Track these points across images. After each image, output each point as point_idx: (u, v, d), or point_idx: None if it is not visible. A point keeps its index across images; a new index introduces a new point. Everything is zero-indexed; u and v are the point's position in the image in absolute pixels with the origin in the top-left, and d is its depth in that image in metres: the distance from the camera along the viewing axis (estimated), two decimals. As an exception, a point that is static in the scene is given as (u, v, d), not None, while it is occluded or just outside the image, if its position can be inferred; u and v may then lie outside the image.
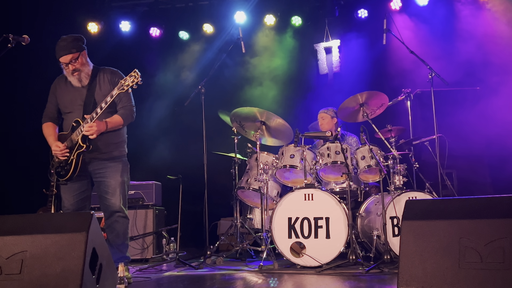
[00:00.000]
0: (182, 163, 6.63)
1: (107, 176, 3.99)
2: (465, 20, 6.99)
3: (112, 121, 3.97)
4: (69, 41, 3.94)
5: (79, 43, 3.99)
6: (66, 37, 3.97)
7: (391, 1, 7.17)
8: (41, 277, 2.65)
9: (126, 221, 4.05)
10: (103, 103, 3.83)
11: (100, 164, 4.01)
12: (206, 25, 7.65)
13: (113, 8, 7.73)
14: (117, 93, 3.79)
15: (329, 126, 5.83)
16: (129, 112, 4.08)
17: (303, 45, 7.57)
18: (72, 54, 3.91)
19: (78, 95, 4.03)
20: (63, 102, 4.09)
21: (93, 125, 3.82)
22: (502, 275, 2.38)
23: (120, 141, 4.13)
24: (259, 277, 4.15)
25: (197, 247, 6.32)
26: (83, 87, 4.03)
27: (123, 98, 4.03)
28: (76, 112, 4.00)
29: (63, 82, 4.11)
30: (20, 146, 6.73)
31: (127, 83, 3.77)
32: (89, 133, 3.82)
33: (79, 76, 3.98)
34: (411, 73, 6.55)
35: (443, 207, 2.70)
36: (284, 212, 4.68)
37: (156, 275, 4.42)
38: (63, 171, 3.95)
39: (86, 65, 4.03)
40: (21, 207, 6.18)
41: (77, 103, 4.01)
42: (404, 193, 4.68)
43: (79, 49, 3.96)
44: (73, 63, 3.93)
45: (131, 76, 3.79)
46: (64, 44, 3.92)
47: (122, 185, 4.02)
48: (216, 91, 6.39)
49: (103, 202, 4.02)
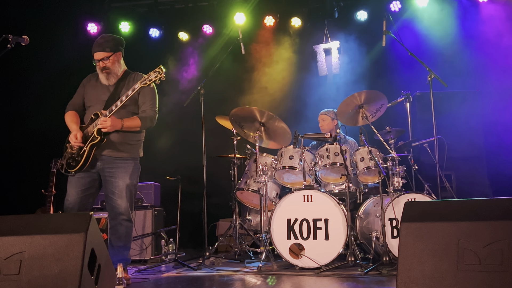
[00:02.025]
0: (181, 164, 6.63)
1: (116, 177, 3.97)
2: (465, 21, 7.00)
3: (129, 122, 3.97)
4: (107, 39, 4.03)
5: (116, 44, 4.07)
6: (106, 35, 4.09)
7: (391, 3, 7.17)
8: (39, 278, 2.65)
9: (130, 224, 4.02)
10: (124, 96, 3.84)
11: (111, 162, 3.98)
12: (205, 26, 7.66)
13: (112, 9, 7.73)
14: (139, 87, 3.81)
15: (329, 128, 5.83)
16: (150, 117, 4.06)
17: (303, 47, 7.57)
18: (105, 52, 3.98)
19: (104, 92, 4.07)
20: (89, 96, 4.12)
21: (108, 119, 3.83)
22: (500, 277, 2.38)
23: (135, 143, 4.11)
24: (258, 278, 4.15)
25: (195, 248, 6.32)
26: (110, 85, 4.07)
27: (147, 101, 4.04)
28: (97, 106, 4.03)
29: (94, 78, 4.17)
30: (20, 146, 6.72)
31: (151, 78, 3.79)
32: (102, 126, 3.83)
33: (108, 74, 4.03)
34: (411, 75, 6.56)
35: (442, 209, 2.69)
36: (283, 214, 4.68)
37: (155, 276, 4.42)
38: (73, 162, 3.94)
39: (117, 66, 4.07)
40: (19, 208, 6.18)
41: (101, 98, 4.04)
42: (403, 195, 4.68)
43: (114, 50, 4.02)
44: (104, 60, 3.98)
45: (155, 71, 3.82)
46: (101, 42, 4.01)
47: (130, 188, 3.98)
48: (215, 92, 6.39)
49: (109, 202, 3.99)
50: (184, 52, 7.68)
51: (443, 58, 6.76)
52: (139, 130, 4.08)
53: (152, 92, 4.07)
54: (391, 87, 6.48)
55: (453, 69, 6.56)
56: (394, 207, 4.59)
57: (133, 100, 3.96)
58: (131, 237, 4.09)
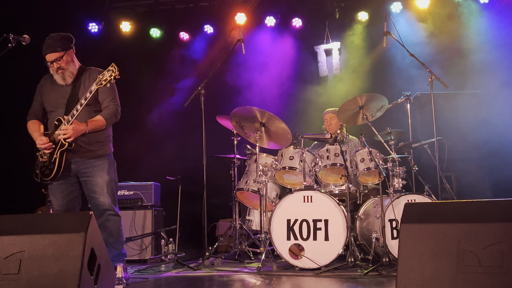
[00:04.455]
0: (181, 164, 6.63)
1: (94, 175, 3.96)
2: (466, 22, 7.00)
3: (93, 123, 3.92)
4: (56, 39, 3.92)
5: (66, 42, 3.96)
6: (54, 35, 3.95)
7: (392, 4, 7.17)
8: (39, 278, 2.65)
9: (118, 218, 4.01)
10: (83, 99, 3.79)
11: (86, 163, 3.98)
12: (206, 26, 7.67)
13: (113, 9, 7.73)
14: (95, 88, 3.74)
15: (337, 126, 5.83)
16: (113, 113, 4.02)
17: (304, 47, 7.57)
18: (57, 52, 3.89)
19: (62, 93, 4.00)
20: (48, 101, 4.07)
21: (69, 127, 3.78)
22: (500, 279, 2.38)
23: (105, 139, 4.09)
24: (257, 279, 4.15)
25: (195, 248, 6.31)
26: (67, 85, 4.00)
27: (107, 97, 4.00)
28: (59, 110, 3.97)
29: (49, 81, 4.10)
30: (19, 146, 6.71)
31: (105, 78, 3.72)
32: (66, 136, 3.79)
33: (63, 74, 3.96)
34: (411, 76, 6.56)
35: (442, 210, 2.70)
36: (283, 214, 4.67)
37: (155, 276, 4.42)
38: (47, 171, 3.91)
39: (72, 64, 4.00)
40: (19, 207, 6.18)
41: (60, 102, 3.99)
42: (403, 196, 4.68)
43: (65, 48, 3.94)
44: (58, 61, 3.91)
45: (108, 70, 3.74)
46: (50, 42, 3.90)
47: (110, 183, 3.99)
48: (215, 93, 6.38)
49: (91, 201, 3.99)
50: (184, 52, 7.68)
51: (443, 59, 6.76)
52: (105, 127, 4.04)
53: (110, 88, 3.95)
54: (391, 88, 6.48)
55: (453, 70, 6.55)
56: (394, 208, 4.59)
57: (93, 99, 3.89)
58: (122, 231, 4.07)
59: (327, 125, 5.93)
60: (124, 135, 4.24)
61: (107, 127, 4.08)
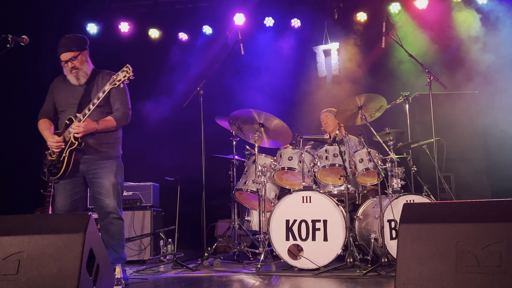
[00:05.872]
0: (180, 165, 6.62)
1: (101, 177, 3.97)
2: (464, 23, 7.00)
3: (104, 122, 3.95)
4: (71, 39, 3.97)
5: (81, 43, 4.02)
6: (69, 35, 4.01)
7: (390, 5, 7.18)
8: (38, 278, 2.65)
9: (121, 222, 4.02)
10: (95, 99, 3.82)
11: (94, 164, 3.99)
12: (205, 27, 7.67)
13: (112, 9, 7.73)
14: (109, 88, 3.78)
15: (333, 125, 5.84)
16: (124, 115, 4.05)
17: (302, 48, 7.57)
18: (72, 52, 3.94)
19: (75, 93, 4.02)
20: (59, 100, 4.09)
21: (81, 124, 3.81)
22: (499, 279, 2.38)
23: (114, 141, 4.11)
24: (256, 279, 4.15)
25: (194, 248, 6.31)
26: (80, 85, 4.03)
27: (118, 99, 4.03)
28: (70, 110, 4.00)
29: (62, 81, 4.12)
30: (19, 146, 6.72)
31: (119, 78, 3.76)
32: (76, 131, 3.82)
33: (77, 74, 3.99)
34: (410, 76, 6.56)
35: (440, 211, 2.70)
36: (282, 214, 4.68)
37: (153, 277, 4.42)
38: (55, 169, 3.93)
39: (86, 65, 4.04)
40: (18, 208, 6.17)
41: (72, 102, 4.01)
42: (402, 196, 4.68)
43: (80, 49, 3.98)
44: (72, 61, 3.94)
45: (123, 71, 3.77)
46: (65, 42, 3.95)
47: (116, 186, 4.00)
48: (214, 93, 6.38)
49: (97, 203, 4.00)
50: (183, 53, 7.68)
51: (442, 59, 6.76)
52: (115, 129, 4.07)
53: (122, 90, 4.01)
54: (390, 89, 6.48)
55: (452, 71, 6.56)
56: (393, 209, 4.59)
57: (105, 100, 3.93)
58: (124, 235, 4.08)
59: (324, 124, 5.95)
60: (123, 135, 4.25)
61: (117, 128, 4.10)
